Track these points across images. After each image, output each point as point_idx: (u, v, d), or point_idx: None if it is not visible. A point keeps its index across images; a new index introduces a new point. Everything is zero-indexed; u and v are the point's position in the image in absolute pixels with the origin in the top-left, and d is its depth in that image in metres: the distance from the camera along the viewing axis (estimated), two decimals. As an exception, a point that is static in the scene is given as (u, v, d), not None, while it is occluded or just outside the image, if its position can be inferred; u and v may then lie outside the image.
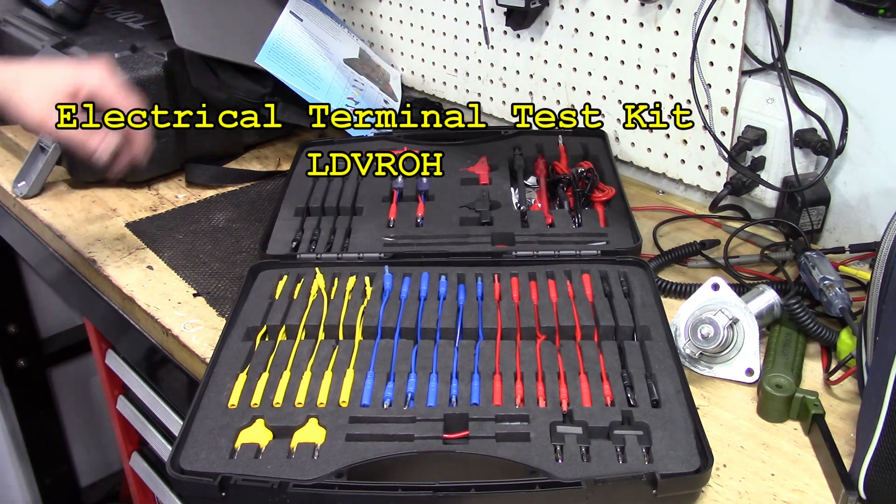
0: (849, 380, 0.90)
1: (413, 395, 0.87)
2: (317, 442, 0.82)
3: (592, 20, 1.31)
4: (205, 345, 1.02)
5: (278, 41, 1.37)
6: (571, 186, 1.20)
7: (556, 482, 0.75)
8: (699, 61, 1.18)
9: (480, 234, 1.12)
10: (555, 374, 0.89)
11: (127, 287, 1.13)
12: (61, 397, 2.11)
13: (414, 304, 1.00)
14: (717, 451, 0.81)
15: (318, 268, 1.07)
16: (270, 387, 0.89)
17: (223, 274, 1.15)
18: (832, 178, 1.14)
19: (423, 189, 1.22)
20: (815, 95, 1.11)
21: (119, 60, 1.30)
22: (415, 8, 1.60)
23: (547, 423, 0.82)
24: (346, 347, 0.94)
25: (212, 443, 0.82)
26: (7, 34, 1.48)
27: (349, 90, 1.45)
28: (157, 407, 1.35)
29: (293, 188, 1.24)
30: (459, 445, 0.81)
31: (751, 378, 0.92)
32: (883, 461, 0.73)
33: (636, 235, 1.09)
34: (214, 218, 1.29)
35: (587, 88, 1.37)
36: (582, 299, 1.00)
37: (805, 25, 1.09)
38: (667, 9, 1.20)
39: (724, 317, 0.91)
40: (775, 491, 0.79)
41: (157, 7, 1.31)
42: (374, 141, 1.36)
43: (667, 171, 1.31)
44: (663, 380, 0.87)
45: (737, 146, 1.16)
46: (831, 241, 1.16)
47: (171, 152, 1.37)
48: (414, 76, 1.68)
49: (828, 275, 0.96)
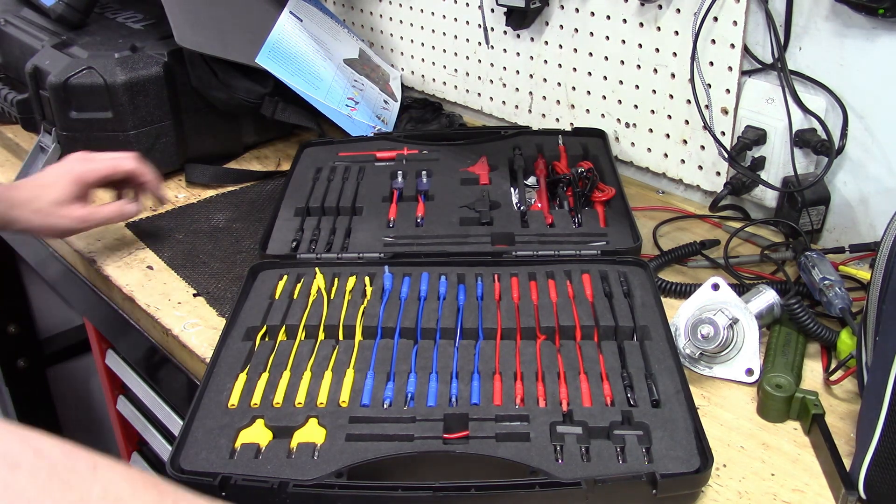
0: (849, 380, 0.90)
1: (413, 395, 0.87)
2: (317, 442, 0.82)
3: (592, 20, 1.31)
4: (205, 345, 1.02)
5: (278, 41, 1.37)
6: (571, 186, 1.20)
7: (556, 482, 0.75)
8: (699, 61, 1.18)
9: (480, 234, 1.12)
10: (555, 374, 0.89)
11: (127, 287, 1.13)
12: (61, 397, 2.10)
13: (414, 304, 1.00)
14: (717, 451, 0.81)
15: (318, 268, 1.07)
16: (270, 387, 0.89)
17: (223, 274, 1.15)
18: (832, 178, 1.14)
19: (423, 189, 1.22)
20: (814, 95, 1.11)
21: (119, 60, 1.30)
22: (415, 8, 1.60)
23: (547, 423, 0.82)
24: (345, 347, 0.94)
25: (212, 443, 0.82)
26: (7, 34, 1.48)
27: (349, 90, 1.46)
28: (157, 407, 1.35)
29: (293, 188, 1.24)
30: (459, 445, 0.80)
31: (751, 378, 0.92)
32: (883, 461, 0.73)
33: (636, 235, 1.09)
34: (214, 218, 1.29)
35: (587, 88, 1.37)
36: (582, 299, 1.00)
37: (805, 25, 1.09)
38: (667, 9, 1.20)
39: (724, 317, 0.91)
40: (775, 491, 0.79)
41: (157, 7, 1.32)
42: (374, 141, 1.36)
43: (667, 171, 1.31)
44: (663, 380, 0.87)
45: (737, 146, 1.16)
46: (831, 241, 1.16)
47: (171, 152, 1.37)
48: (414, 76, 1.68)
49: (828, 275, 0.96)
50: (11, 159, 1.47)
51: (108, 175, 1.12)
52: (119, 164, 1.13)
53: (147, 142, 1.33)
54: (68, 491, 0.58)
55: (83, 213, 1.09)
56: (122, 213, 1.15)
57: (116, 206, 1.14)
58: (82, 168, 1.10)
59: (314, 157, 1.32)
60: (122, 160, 1.13)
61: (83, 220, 1.10)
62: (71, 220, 1.09)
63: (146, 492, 0.61)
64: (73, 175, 1.09)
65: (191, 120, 1.38)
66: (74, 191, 1.08)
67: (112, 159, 1.13)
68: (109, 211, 1.13)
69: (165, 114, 1.34)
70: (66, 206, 1.07)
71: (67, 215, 1.08)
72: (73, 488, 0.59)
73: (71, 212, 1.08)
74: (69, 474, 0.59)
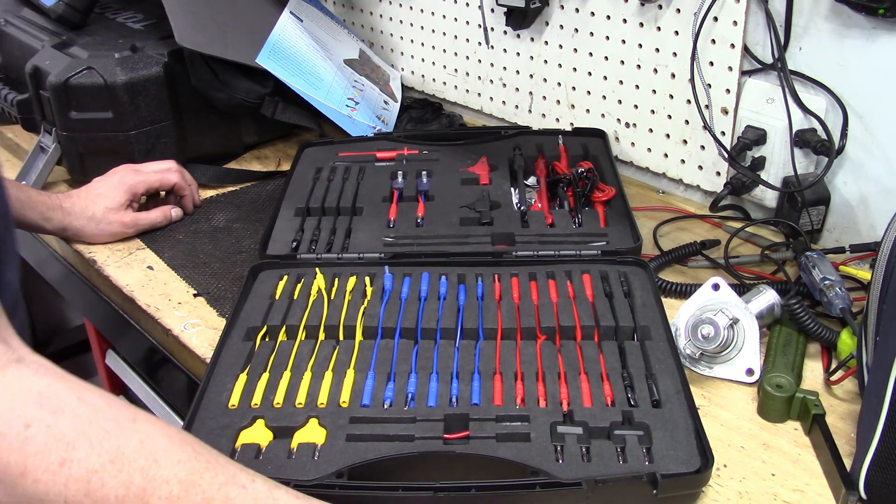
0: (849, 380, 0.90)
1: (413, 396, 0.87)
2: (317, 442, 0.82)
3: (592, 20, 1.31)
4: (205, 345, 1.02)
5: (279, 41, 1.37)
6: (571, 186, 1.20)
7: (557, 482, 0.75)
8: (699, 61, 1.18)
9: (480, 234, 1.12)
10: (555, 375, 0.89)
11: (127, 287, 1.13)
12: (61, 397, 2.10)
13: (414, 304, 1.00)
14: (718, 451, 0.81)
15: (318, 268, 1.07)
16: (271, 387, 0.89)
17: (223, 274, 1.15)
18: (832, 178, 1.14)
19: (423, 189, 1.22)
20: (815, 95, 1.11)
21: (119, 60, 1.30)
22: (415, 8, 1.60)
23: (547, 423, 0.82)
24: (346, 348, 0.94)
25: (212, 443, 0.81)
26: (7, 34, 1.48)
27: (349, 91, 1.46)
28: (157, 407, 1.35)
29: (293, 188, 1.24)
30: (460, 446, 0.80)
31: (751, 378, 0.92)
32: (883, 461, 0.73)
33: (636, 235, 1.09)
34: (214, 218, 1.29)
35: (587, 88, 1.37)
36: (582, 299, 1.00)
37: (805, 25, 1.09)
38: (667, 9, 1.20)
39: (724, 317, 0.91)
40: (775, 491, 0.79)
41: (157, 7, 1.32)
42: (374, 141, 1.36)
43: (667, 171, 1.32)
44: (664, 380, 0.87)
45: (737, 146, 1.16)
46: (831, 241, 1.16)
47: (172, 152, 1.36)
48: (414, 76, 1.68)
49: (828, 275, 0.96)
50: (11, 159, 1.47)
51: (156, 187, 1.25)
52: (166, 178, 1.25)
53: (147, 142, 1.33)
54: (106, 439, 0.61)
55: (131, 218, 1.21)
56: (167, 218, 1.25)
57: (162, 211, 1.25)
58: (133, 180, 1.21)
59: (314, 158, 1.32)
60: (168, 174, 1.25)
61: (132, 224, 1.21)
62: (121, 226, 1.21)
63: (182, 448, 0.64)
64: (124, 186, 1.20)
65: (191, 120, 1.38)
66: (125, 200, 1.20)
67: (159, 172, 1.25)
68: (156, 216, 1.24)
69: (165, 114, 1.34)
70: (116, 212, 1.20)
71: (118, 220, 1.20)
72: (111, 437, 0.61)
73: (121, 217, 1.20)
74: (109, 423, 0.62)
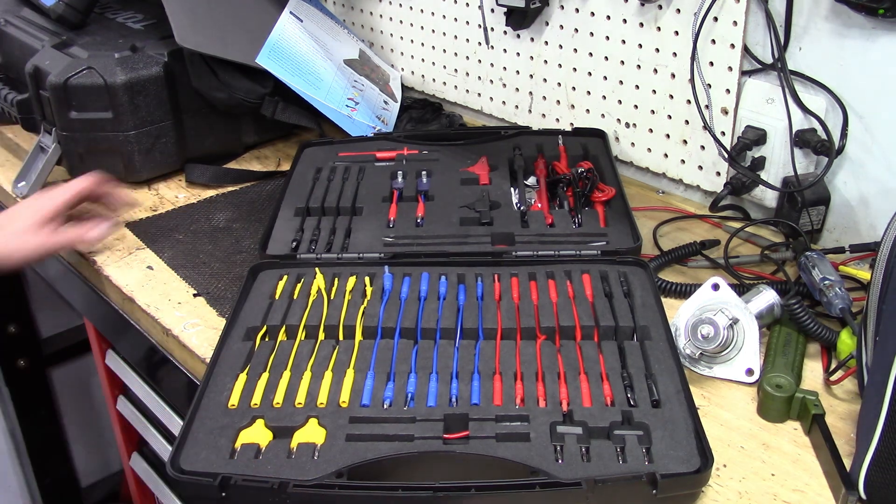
0: (849, 380, 0.90)
1: (413, 396, 0.87)
2: (317, 442, 0.82)
3: (592, 20, 1.31)
4: (205, 345, 1.02)
5: (279, 41, 1.37)
6: (571, 186, 1.20)
7: (557, 482, 0.75)
8: (699, 61, 1.18)
9: (480, 234, 1.12)
10: (555, 375, 0.89)
11: (127, 287, 1.13)
12: (61, 397, 2.10)
13: (414, 304, 1.00)
14: (717, 451, 0.81)
15: (318, 268, 1.07)
16: (270, 387, 0.89)
17: (223, 274, 1.15)
18: (832, 178, 1.14)
19: (423, 189, 1.22)
20: (814, 95, 1.11)
21: (119, 60, 1.30)
22: (415, 8, 1.60)
23: (547, 423, 0.82)
24: (346, 347, 0.94)
25: (212, 443, 0.82)
26: (7, 34, 1.48)
27: (349, 91, 1.46)
28: (157, 407, 1.35)
29: (293, 188, 1.24)
30: (459, 445, 0.80)
31: (751, 378, 0.92)
32: (883, 461, 0.73)
33: (636, 235, 1.09)
34: (214, 218, 1.29)
35: (587, 88, 1.37)
36: (582, 299, 1.00)
37: (805, 25, 1.09)
38: (667, 9, 1.20)
39: (724, 317, 0.91)
40: (775, 491, 0.79)
41: (157, 7, 1.32)
42: (374, 141, 1.36)
43: (667, 171, 1.32)
44: (663, 380, 0.87)
45: (737, 146, 1.16)
46: (831, 241, 1.16)
47: (172, 152, 1.37)
48: (414, 76, 1.68)
49: (828, 275, 0.96)
50: (11, 159, 1.47)
51: (68, 200, 1.16)
52: (74, 186, 1.17)
53: (147, 142, 1.33)
54: None
55: (41, 239, 1.14)
56: (82, 239, 1.17)
57: (76, 231, 1.17)
58: (41, 197, 1.15)
59: (314, 157, 1.32)
60: (77, 181, 1.17)
61: (41, 244, 1.14)
62: (32, 245, 1.13)
63: None
64: (34, 207, 1.14)
65: (191, 120, 1.38)
66: (37, 220, 1.13)
67: (67, 184, 1.17)
68: (68, 236, 1.16)
69: (165, 114, 1.34)
70: (27, 233, 1.13)
71: (28, 240, 1.13)
72: None
73: (33, 237, 1.13)
74: None
